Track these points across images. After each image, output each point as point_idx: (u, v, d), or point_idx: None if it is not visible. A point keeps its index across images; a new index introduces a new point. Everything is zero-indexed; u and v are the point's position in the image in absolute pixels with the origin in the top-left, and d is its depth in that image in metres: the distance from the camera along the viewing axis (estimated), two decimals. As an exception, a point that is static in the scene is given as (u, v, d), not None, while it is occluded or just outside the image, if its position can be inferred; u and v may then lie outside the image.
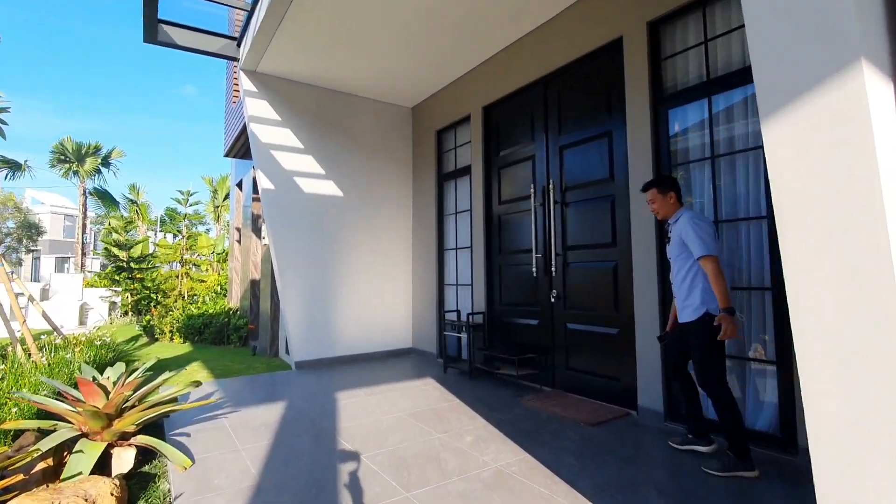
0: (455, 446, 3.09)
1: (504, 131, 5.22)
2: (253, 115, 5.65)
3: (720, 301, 2.58)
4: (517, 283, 4.95)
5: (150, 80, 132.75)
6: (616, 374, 3.90)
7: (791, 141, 1.12)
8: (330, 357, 5.95)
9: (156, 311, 10.53)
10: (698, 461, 2.78)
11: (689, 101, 3.42)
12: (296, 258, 5.81)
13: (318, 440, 3.25)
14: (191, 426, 3.58)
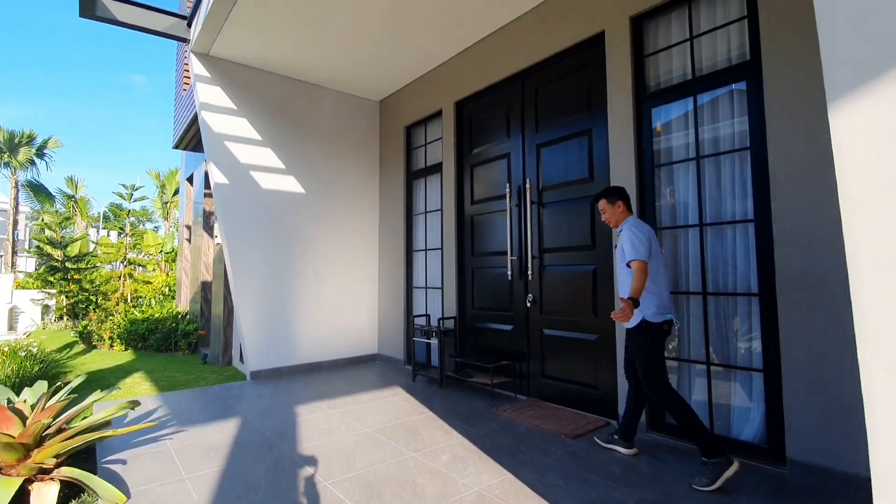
0: (431, 467, 2.83)
1: (478, 128, 5.00)
2: (205, 102, 5.17)
3: (631, 292, 2.65)
4: (491, 287, 4.75)
5: (93, 67, 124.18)
6: (594, 382, 3.75)
7: (874, 131, 0.93)
8: (288, 366, 5.54)
9: (94, 315, 9.65)
10: (686, 474, 2.65)
11: (673, 100, 3.31)
12: (252, 259, 5.36)
13: (276, 466, 2.90)
14: (128, 451, 3.14)
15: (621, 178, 3.49)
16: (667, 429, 3.25)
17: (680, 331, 3.26)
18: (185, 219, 9.40)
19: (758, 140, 2.84)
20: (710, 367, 3.08)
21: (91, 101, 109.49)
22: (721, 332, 3.05)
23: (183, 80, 7.69)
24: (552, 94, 4.19)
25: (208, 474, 2.78)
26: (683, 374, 3.24)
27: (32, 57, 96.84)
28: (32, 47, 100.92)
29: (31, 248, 12.83)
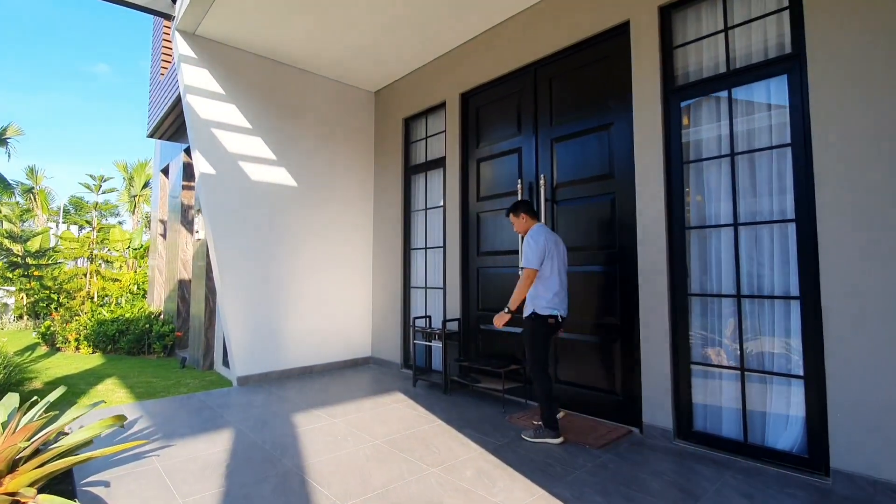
0: (456, 485, 2.59)
1: (485, 121, 4.78)
2: (190, 85, 4.77)
3: (510, 303, 3.23)
4: (498, 288, 4.53)
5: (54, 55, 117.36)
6: (613, 388, 3.59)
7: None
8: (278, 370, 5.19)
9: (57, 314, 8.97)
10: (728, 487, 2.50)
11: (705, 94, 3.17)
12: (239, 256, 4.99)
13: (283, 485, 2.61)
14: (109, 471, 2.78)
15: (647, 174, 3.34)
16: (694, 437, 3.11)
17: (711, 334, 3.13)
18: (159, 213, 8.85)
19: (800, 136, 2.72)
20: (743, 372, 2.95)
21: (52, 89, 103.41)
22: (756, 336, 2.93)
23: (161, 63, 7.19)
24: (569, 87, 4.01)
25: (207, 497, 2.47)
26: (714, 378, 3.11)
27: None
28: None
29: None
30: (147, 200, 18.43)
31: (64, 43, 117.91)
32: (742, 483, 2.59)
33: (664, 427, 3.19)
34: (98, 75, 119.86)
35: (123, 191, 17.75)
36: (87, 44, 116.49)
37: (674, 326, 3.21)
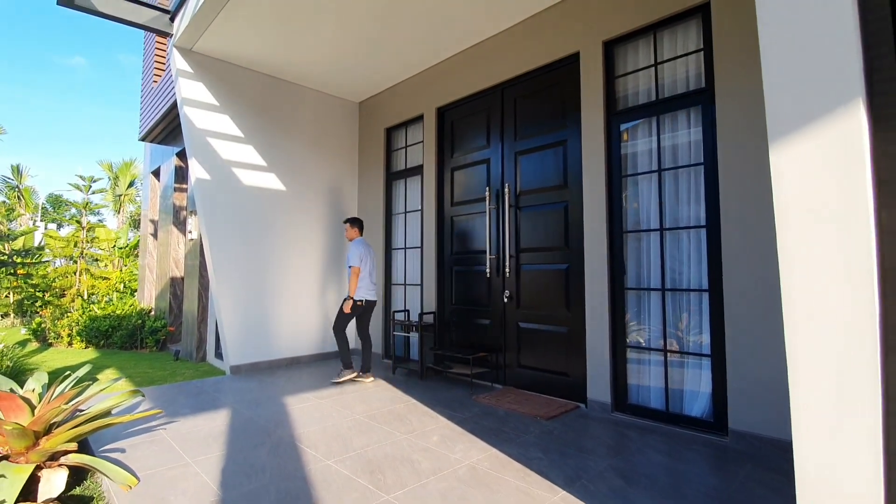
0: (423, 446, 3.09)
1: (459, 134, 5.29)
2: (187, 97, 5.18)
3: (350, 292, 4.84)
4: (470, 284, 5.05)
5: (27, 46, 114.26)
6: (565, 370, 4.13)
7: (798, 164, 1.29)
8: (268, 360, 5.63)
9: (47, 311, 9.22)
10: (647, 446, 3.06)
11: (639, 118, 3.73)
12: (232, 255, 5.42)
13: (277, 449, 3.08)
14: (123, 441, 3.21)
15: (592, 185, 3.88)
16: (629, 409, 3.67)
17: (642, 323, 3.69)
18: (149, 213, 9.16)
19: (710, 158, 3.29)
20: (666, 353, 3.52)
21: (29, 83, 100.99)
22: (676, 323, 3.50)
23: (154, 71, 7.54)
24: (531, 106, 4.54)
25: (212, 458, 2.93)
26: (644, 359, 3.67)
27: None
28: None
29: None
30: (132, 200, 18.54)
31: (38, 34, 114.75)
32: (659, 442, 3.15)
33: (604, 402, 3.74)
34: (75, 68, 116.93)
35: (109, 190, 17.83)
36: (62, 35, 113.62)
37: (613, 316, 3.76)
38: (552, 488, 2.49)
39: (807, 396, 1.39)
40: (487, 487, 2.51)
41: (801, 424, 1.44)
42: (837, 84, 1.25)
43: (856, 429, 1.31)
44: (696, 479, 2.62)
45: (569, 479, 2.59)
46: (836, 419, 1.33)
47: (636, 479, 2.61)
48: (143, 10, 5.05)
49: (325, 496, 2.42)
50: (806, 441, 1.43)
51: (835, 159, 1.26)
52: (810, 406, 1.38)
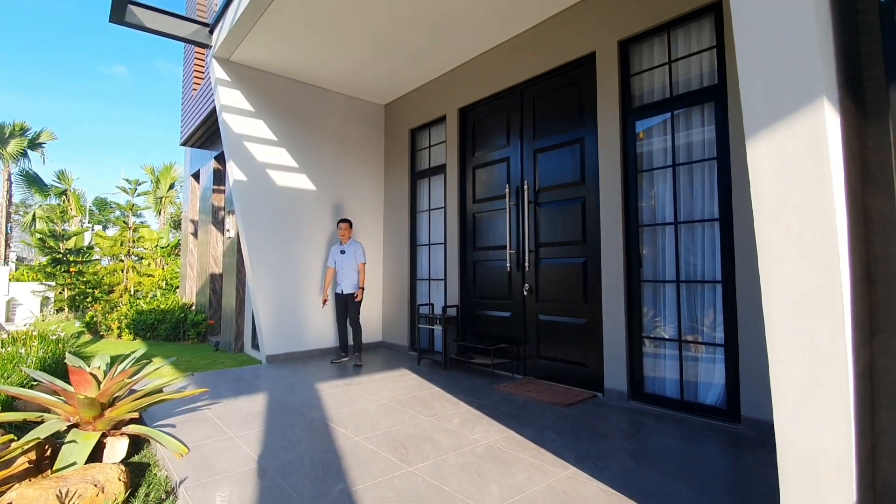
0: (445, 427, 3.30)
1: (479, 133, 5.47)
2: (225, 104, 5.55)
3: (362, 283, 5.55)
4: (491, 278, 5.23)
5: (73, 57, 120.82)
6: (583, 361, 4.26)
7: (772, 158, 1.43)
8: (301, 350, 5.96)
9: (98, 306, 9.90)
10: (659, 431, 3.17)
11: (654, 115, 3.83)
12: (267, 251, 5.76)
13: (310, 427, 3.35)
14: (173, 418, 3.55)
15: (608, 181, 4.00)
16: (644, 398, 3.77)
17: (657, 314, 3.79)
18: (190, 213, 9.71)
19: (722, 152, 3.36)
20: (681, 343, 3.61)
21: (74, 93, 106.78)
22: (691, 314, 3.58)
23: (193, 80, 8.02)
24: (548, 106, 4.68)
25: (252, 434, 3.22)
26: (660, 348, 3.77)
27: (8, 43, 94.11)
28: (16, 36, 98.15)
29: (32, 241, 12.95)
30: (172, 202, 19.50)
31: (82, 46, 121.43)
32: (673, 428, 3.26)
33: (620, 390, 3.86)
34: (117, 77, 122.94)
35: (151, 192, 18.80)
36: (104, 47, 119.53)
37: (629, 307, 3.87)
38: (564, 465, 2.66)
39: (783, 368, 1.52)
40: (503, 462, 2.69)
41: (779, 395, 1.57)
42: (803, 80, 1.38)
43: (828, 396, 1.44)
44: (705, 461, 2.73)
45: (580, 458, 2.75)
46: (807, 387, 1.46)
47: (646, 460, 2.75)
48: (185, 24, 5.45)
49: (353, 466, 2.66)
50: (784, 411, 1.57)
51: (803, 150, 1.39)
52: (787, 376, 1.51)
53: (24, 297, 12.38)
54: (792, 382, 1.52)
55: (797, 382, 1.51)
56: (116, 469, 2.33)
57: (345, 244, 5.69)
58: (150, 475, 2.63)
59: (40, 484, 2.16)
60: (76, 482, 2.17)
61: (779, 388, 1.56)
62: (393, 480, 2.48)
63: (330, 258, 5.81)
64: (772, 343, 1.56)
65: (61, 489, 2.11)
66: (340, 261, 5.66)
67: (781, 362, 1.54)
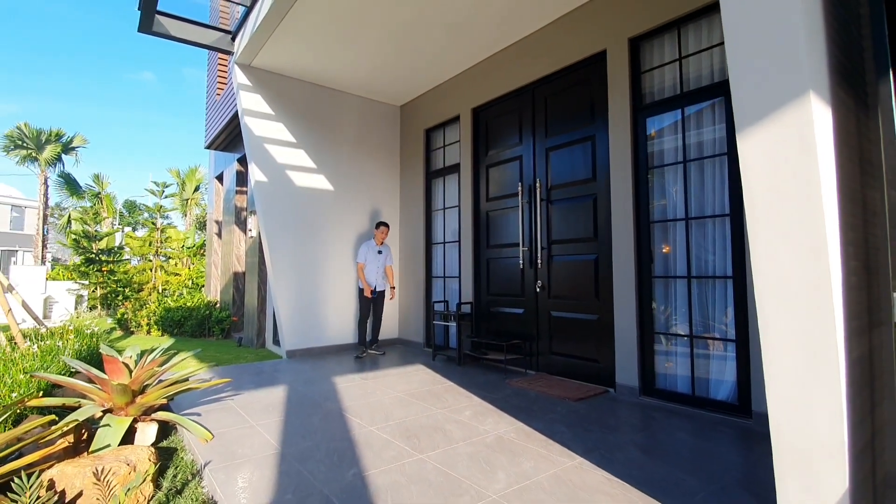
0: (456, 419, 3.39)
1: (492, 132, 5.54)
2: (247, 108, 5.75)
3: (392, 282, 6.17)
4: (504, 275, 5.30)
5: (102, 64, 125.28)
6: (595, 357, 4.29)
7: (761, 151, 1.48)
8: (320, 346, 6.13)
9: (128, 304, 10.32)
10: (670, 425, 3.19)
11: (665, 111, 3.84)
12: (287, 250, 5.95)
13: (327, 417, 3.48)
14: (198, 407, 3.73)
15: (620, 178, 4.03)
16: (655, 393, 3.79)
17: (669, 309, 3.80)
18: (214, 214, 10.03)
19: (733, 148, 3.36)
20: (692, 339, 3.62)
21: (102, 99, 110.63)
22: (702, 309, 3.59)
23: (216, 86, 8.30)
24: (560, 104, 4.73)
25: (272, 422, 3.37)
26: (671, 344, 3.78)
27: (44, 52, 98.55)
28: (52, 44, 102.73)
29: (66, 241, 13.56)
30: (197, 203, 20.10)
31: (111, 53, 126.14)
32: (683, 423, 3.27)
33: (632, 386, 3.88)
34: (145, 83, 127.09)
35: (177, 194, 19.41)
36: (133, 54, 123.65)
37: (640, 303, 3.89)
38: (571, 456, 2.72)
39: (776, 360, 1.56)
40: (511, 452, 2.77)
41: (772, 387, 1.61)
42: (791, 76, 1.42)
43: (819, 388, 1.47)
44: (713, 454, 2.75)
45: (588, 450, 2.80)
46: (800, 379, 1.50)
47: (654, 452, 2.78)
48: (209, 32, 5.67)
49: (367, 453, 2.78)
50: (777, 402, 1.61)
51: (792, 144, 1.43)
52: (780, 368, 1.55)
53: (60, 295, 12.97)
54: (785, 374, 1.56)
55: (790, 374, 1.55)
56: (147, 451, 2.50)
57: (380, 245, 6.00)
58: (178, 458, 2.80)
59: (78, 462, 2.34)
60: (111, 461, 2.34)
61: (772, 380, 1.60)
62: (404, 466, 2.58)
63: (362, 254, 5.92)
64: (765, 336, 1.60)
65: (97, 467, 2.27)
66: (375, 260, 5.93)
67: (774, 354, 1.58)
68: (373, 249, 5.95)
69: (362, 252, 5.92)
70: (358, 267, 5.91)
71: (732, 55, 1.56)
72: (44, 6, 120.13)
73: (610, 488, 2.31)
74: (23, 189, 41.26)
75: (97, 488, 2.19)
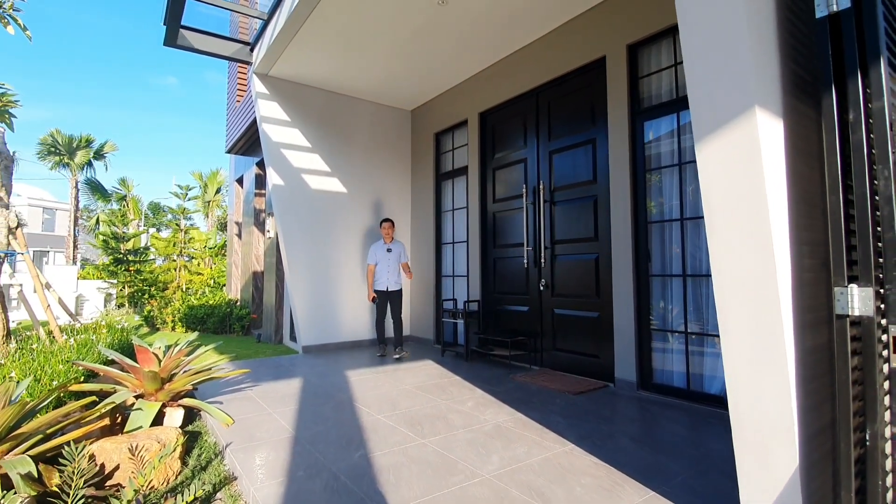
0: (458, 409, 3.59)
1: (499, 136, 5.73)
2: (265, 115, 6.05)
3: (410, 277, 6.07)
4: (509, 274, 5.48)
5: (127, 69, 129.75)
6: (596, 353, 4.44)
7: (715, 160, 1.64)
8: (334, 342, 6.40)
9: (154, 302, 10.80)
10: (663, 417, 3.34)
11: (662, 115, 3.97)
12: (303, 250, 6.23)
13: (338, 407, 3.72)
14: (220, 396, 4.02)
15: (619, 180, 4.17)
16: (653, 388, 3.92)
17: (665, 306, 3.93)
18: (234, 216, 10.43)
19: (726, 150, 3.48)
20: (687, 335, 3.75)
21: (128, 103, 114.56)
22: (697, 306, 3.71)
23: (236, 93, 8.66)
24: (563, 108, 4.88)
25: (288, 411, 3.62)
26: (667, 340, 3.91)
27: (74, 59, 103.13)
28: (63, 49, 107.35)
29: (96, 242, 14.21)
30: (218, 205, 20.72)
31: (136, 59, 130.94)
32: (677, 415, 3.41)
33: (630, 380, 4.02)
34: (168, 88, 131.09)
35: (199, 197, 20.05)
36: (157, 59, 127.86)
37: (638, 301, 4.03)
38: (563, 443, 2.89)
39: (733, 347, 1.73)
40: (507, 439, 2.96)
41: (730, 371, 1.77)
42: (739, 91, 1.58)
43: (769, 373, 1.63)
44: (700, 443, 2.89)
45: (580, 437, 2.97)
46: (752, 365, 1.66)
47: (643, 441, 2.94)
48: (229, 44, 5.99)
49: (373, 438, 3.00)
50: (735, 385, 1.76)
51: (740, 152, 1.59)
52: (736, 355, 1.71)
53: (90, 293, 13.60)
54: (740, 363, 1.72)
55: (744, 363, 1.71)
56: (175, 431, 2.76)
57: (388, 243, 5.91)
58: (202, 440, 3.07)
59: (115, 440, 2.62)
60: (143, 439, 2.61)
61: (730, 367, 1.75)
62: (406, 449, 2.80)
63: (372, 255, 5.84)
64: (723, 327, 1.76)
65: (132, 444, 2.55)
66: (386, 258, 5.82)
67: (731, 344, 1.74)
68: (381, 248, 5.88)
69: (371, 253, 5.88)
70: (367, 269, 5.89)
71: (690, 76, 1.73)
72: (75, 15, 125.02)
73: (595, 471, 2.48)
74: (53, 191, 42.98)
75: (132, 462, 2.46)
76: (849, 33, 1.55)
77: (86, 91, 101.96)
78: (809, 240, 1.75)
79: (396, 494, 2.24)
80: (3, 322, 4.48)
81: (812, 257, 1.77)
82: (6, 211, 4.71)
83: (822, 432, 1.80)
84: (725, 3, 1.63)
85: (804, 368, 1.70)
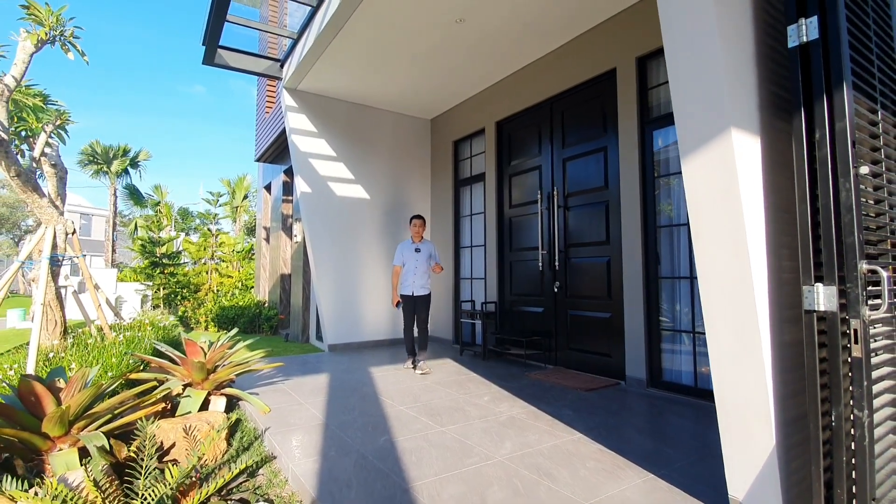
0: (475, 402, 3.84)
1: (515, 144, 5.97)
2: (294, 127, 6.44)
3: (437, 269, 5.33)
4: (525, 277, 5.70)
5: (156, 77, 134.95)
6: (608, 352, 4.63)
7: (698, 174, 1.87)
8: (358, 341, 6.72)
9: (188, 303, 11.36)
10: (669, 412, 3.52)
11: (669, 125, 4.15)
12: (329, 253, 6.58)
13: (364, 398, 4.02)
14: (255, 388, 4.36)
15: (629, 186, 4.36)
16: (662, 385, 4.09)
17: (674, 307, 4.11)
18: (263, 221, 10.92)
19: (730, 157, 3.65)
20: (695, 334, 3.91)
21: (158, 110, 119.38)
22: (704, 307, 3.87)
23: (265, 104, 9.13)
24: (575, 117, 5.10)
25: (318, 401, 3.93)
26: (676, 339, 4.08)
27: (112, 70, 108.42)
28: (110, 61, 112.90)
29: (133, 247, 14.98)
30: (246, 210, 21.47)
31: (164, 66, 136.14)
32: (684, 411, 3.59)
33: (640, 378, 4.20)
34: (196, 96, 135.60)
35: (228, 202, 20.81)
36: (185, 68, 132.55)
37: (647, 302, 4.21)
38: (572, 432, 3.11)
39: (716, 338, 1.94)
40: (519, 428, 3.19)
41: (714, 358, 1.98)
42: (716, 114, 1.80)
43: (747, 361, 1.84)
44: (702, 435, 3.07)
45: (588, 428, 3.19)
46: (732, 354, 1.87)
47: (648, 432, 3.13)
48: (261, 61, 6.41)
49: (396, 425, 3.28)
50: (719, 372, 1.97)
51: (719, 166, 1.81)
52: (719, 344, 1.93)
53: (128, 295, 14.33)
54: (722, 355, 1.94)
55: (726, 355, 1.92)
56: (221, 416, 3.10)
57: (417, 242, 5.29)
58: (242, 425, 3.40)
59: (171, 421, 2.96)
60: (194, 421, 2.95)
61: (714, 359, 1.97)
62: (427, 435, 3.06)
63: (399, 256, 5.24)
64: (708, 323, 1.98)
65: (186, 424, 2.88)
66: (413, 259, 5.19)
67: (715, 333, 1.95)
68: (409, 248, 5.22)
69: (398, 253, 5.26)
70: (393, 271, 5.26)
71: (675, 99, 1.96)
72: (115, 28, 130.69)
73: (600, 456, 2.70)
74: (89, 198, 44.95)
75: (186, 440, 2.79)
76: (816, 62, 1.76)
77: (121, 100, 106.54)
78: (788, 244, 1.95)
79: (418, 471, 2.51)
80: (60, 319, 4.93)
81: (791, 259, 1.97)
82: (62, 217, 5.18)
83: (801, 418, 1.99)
84: (704, 36, 1.86)
85: (782, 360, 1.90)
